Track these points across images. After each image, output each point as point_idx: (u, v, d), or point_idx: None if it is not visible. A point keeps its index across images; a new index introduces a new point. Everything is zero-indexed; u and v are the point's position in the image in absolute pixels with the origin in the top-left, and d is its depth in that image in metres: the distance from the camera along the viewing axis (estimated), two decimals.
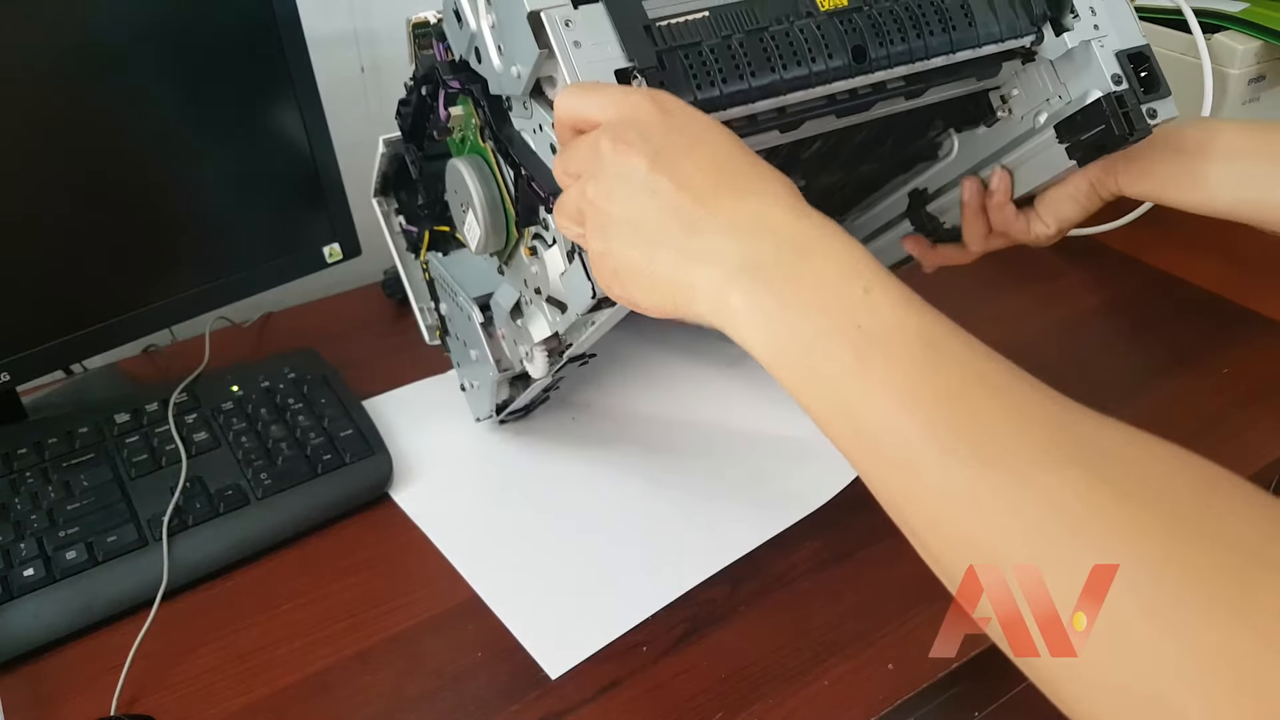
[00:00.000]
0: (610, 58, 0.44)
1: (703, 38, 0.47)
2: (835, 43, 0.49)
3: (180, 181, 0.70)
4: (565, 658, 0.54)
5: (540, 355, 0.57)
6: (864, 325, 0.35)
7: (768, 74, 0.48)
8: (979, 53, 0.53)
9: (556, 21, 0.44)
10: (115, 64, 0.64)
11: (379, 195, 0.71)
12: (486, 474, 0.69)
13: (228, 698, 0.53)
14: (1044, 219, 0.62)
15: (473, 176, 0.55)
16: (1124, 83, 0.53)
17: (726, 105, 0.47)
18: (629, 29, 0.45)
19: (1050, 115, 0.57)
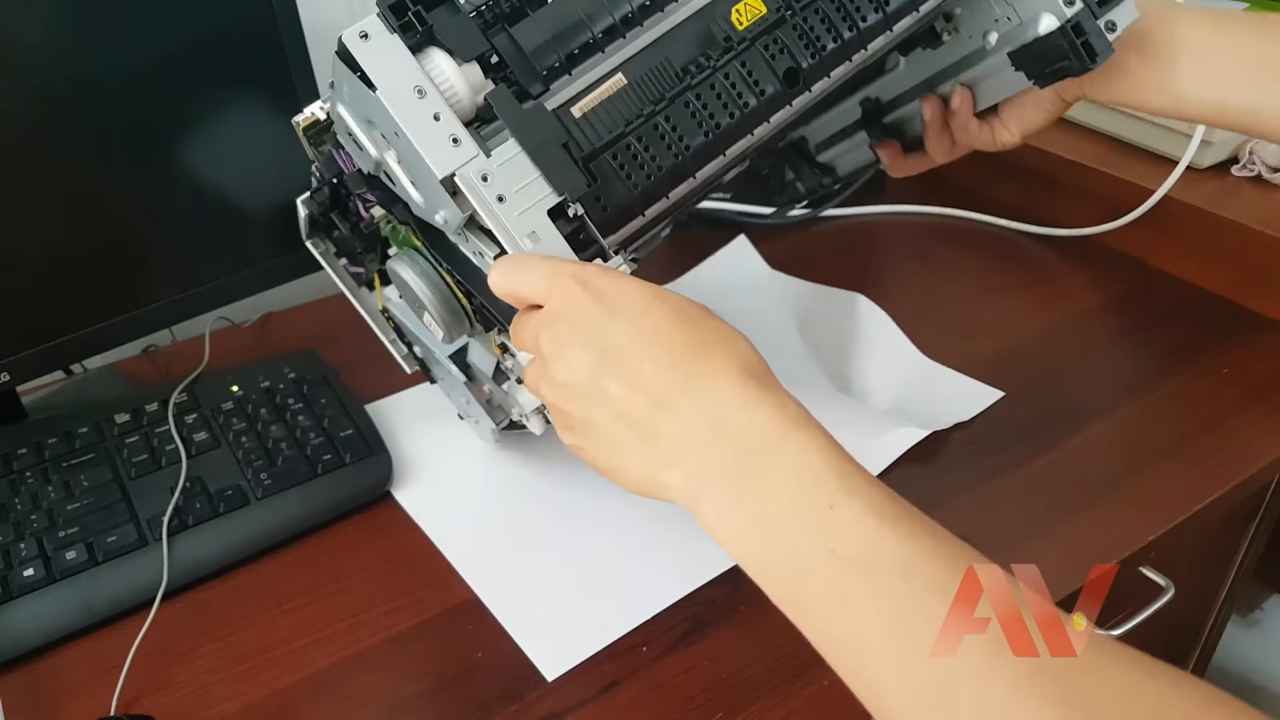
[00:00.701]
0: (539, 198, 0.41)
1: (625, 124, 0.43)
2: (763, 73, 0.45)
3: (180, 181, 0.70)
4: (562, 660, 0.54)
5: (536, 419, 0.55)
6: (837, 551, 0.34)
7: (700, 137, 0.44)
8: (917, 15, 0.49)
9: (473, 181, 0.40)
10: (115, 63, 0.64)
11: (312, 237, 0.64)
12: (488, 475, 0.69)
13: (228, 698, 0.53)
14: (1009, 127, 0.61)
15: (415, 279, 0.50)
16: (1077, 1, 0.50)
17: (668, 188, 0.45)
18: (547, 157, 0.41)
19: (1001, 36, 0.54)
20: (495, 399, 0.61)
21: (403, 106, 0.41)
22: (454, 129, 0.41)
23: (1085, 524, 0.63)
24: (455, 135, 0.41)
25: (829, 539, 0.34)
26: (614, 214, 0.44)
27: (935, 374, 0.74)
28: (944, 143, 0.63)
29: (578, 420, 0.40)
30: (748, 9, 0.45)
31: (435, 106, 0.41)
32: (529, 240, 0.41)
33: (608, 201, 0.43)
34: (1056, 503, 0.65)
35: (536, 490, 0.67)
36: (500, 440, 0.70)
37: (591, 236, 0.43)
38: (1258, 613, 1.32)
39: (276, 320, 0.87)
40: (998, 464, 0.67)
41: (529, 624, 0.57)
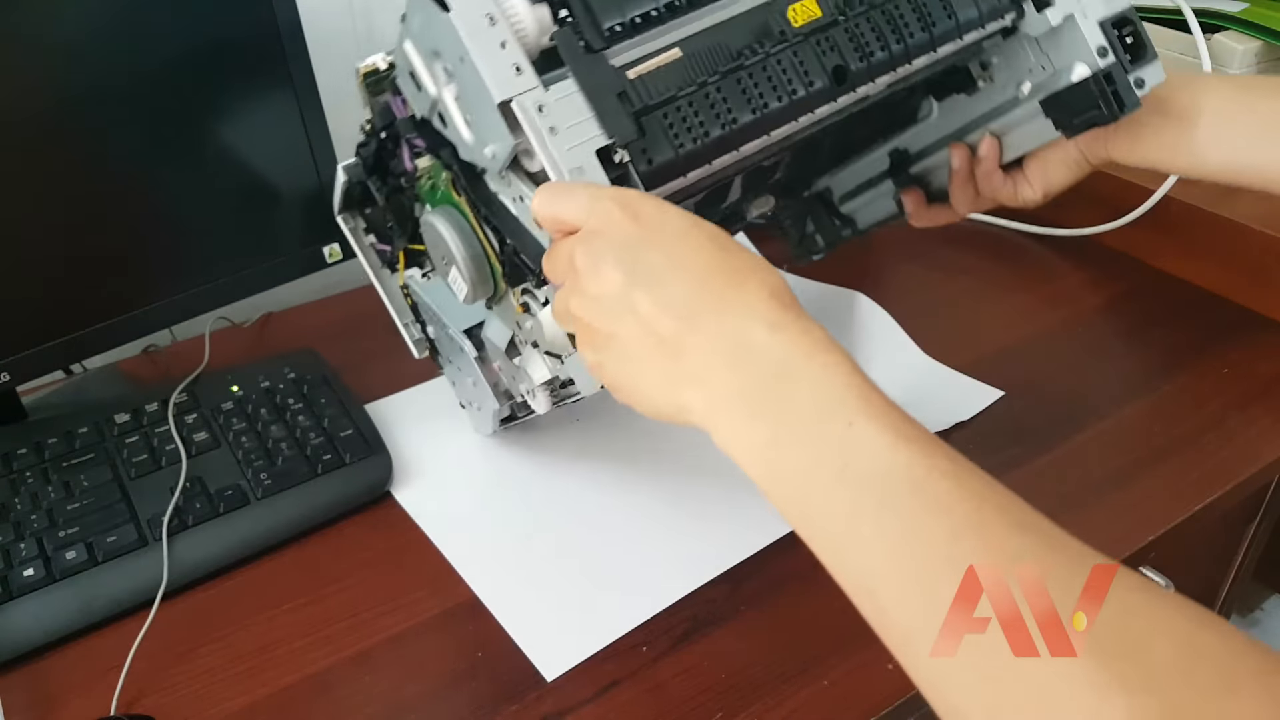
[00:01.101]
0: (589, 137, 0.42)
1: (678, 89, 0.45)
2: (814, 67, 0.47)
3: (180, 181, 0.70)
4: (562, 660, 0.54)
5: (543, 394, 0.55)
6: (850, 466, 0.35)
7: (748, 115, 0.46)
8: (961, 44, 0.51)
9: (529, 109, 0.42)
10: (116, 64, 0.64)
11: (343, 212, 0.66)
12: (488, 475, 0.69)
13: (228, 698, 0.53)
14: (1032, 183, 0.62)
15: (450, 232, 0.52)
16: (1110, 54, 0.52)
17: (711, 157, 0.46)
18: (603, 101, 0.43)
19: (1035, 86, 0.55)
20: (504, 378, 0.61)
21: (472, 29, 0.42)
22: (518, 58, 0.42)
23: (1085, 524, 0.62)
24: (518, 64, 0.42)
25: (844, 456, 0.35)
26: (658, 169, 0.45)
27: (936, 373, 0.74)
28: (968, 193, 0.63)
29: (602, 335, 0.40)
30: (804, 9, 0.47)
31: (503, 35, 0.42)
32: (574, 175, 0.43)
33: (653, 155, 0.45)
34: (1056, 503, 0.64)
35: (538, 491, 0.67)
36: (498, 432, 0.70)
37: (633, 185, 0.44)
38: (1258, 613, 1.32)
39: (276, 320, 0.87)
40: (997, 464, 0.66)
41: (529, 624, 0.57)
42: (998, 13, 0.51)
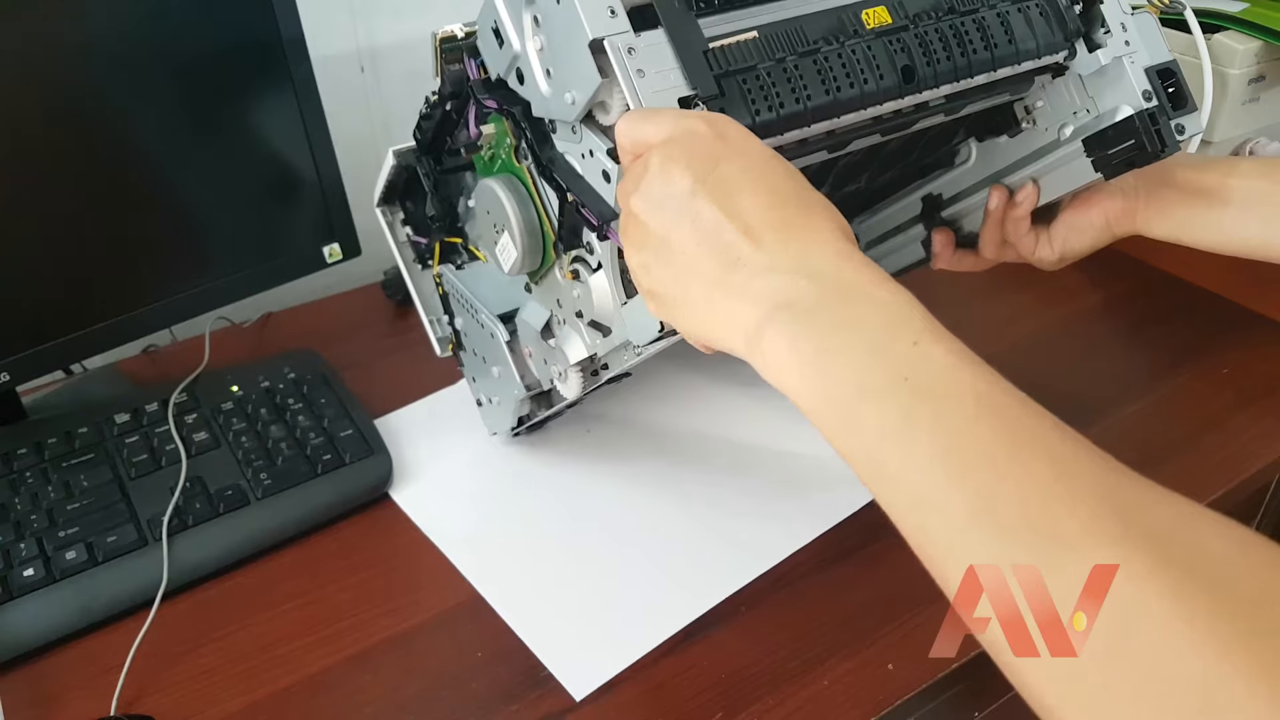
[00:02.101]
0: (673, 85, 0.44)
1: (757, 60, 0.46)
2: (885, 63, 0.49)
3: (180, 182, 0.70)
4: (591, 678, 0.54)
5: (575, 376, 0.56)
6: (911, 379, 0.34)
7: (822, 96, 0.47)
8: (1018, 69, 0.53)
9: (620, 49, 0.43)
10: (116, 65, 0.64)
11: (383, 204, 0.69)
12: (495, 484, 0.68)
13: (228, 698, 0.53)
14: (1052, 244, 0.62)
15: (509, 198, 0.53)
16: (1154, 99, 0.53)
17: (783, 129, 0.47)
18: (690, 56, 0.44)
19: (1076, 129, 0.57)
20: (534, 365, 0.61)
21: None
22: (614, 2, 0.44)
23: None
24: (613, 8, 0.44)
25: (905, 368, 0.34)
26: None
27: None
28: (997, 237, 0.64)
29: (656, 237, 0.39)
30: (876, 15, 0.50)
31: None
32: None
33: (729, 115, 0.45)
34: None
35: (548, 502, 0.66)
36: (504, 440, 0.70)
37: None
38: None
39: (276, 320, 0.87)
40: None
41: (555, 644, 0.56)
42: (1054, 47, 0.53)
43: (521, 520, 0.65)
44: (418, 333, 0.82)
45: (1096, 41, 0.54)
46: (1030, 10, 0.53)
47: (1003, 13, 0.52)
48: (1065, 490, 0.31)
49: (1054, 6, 0.53)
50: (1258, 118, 0.92)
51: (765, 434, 0.70)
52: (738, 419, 0.71)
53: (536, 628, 0.57)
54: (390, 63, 0.92)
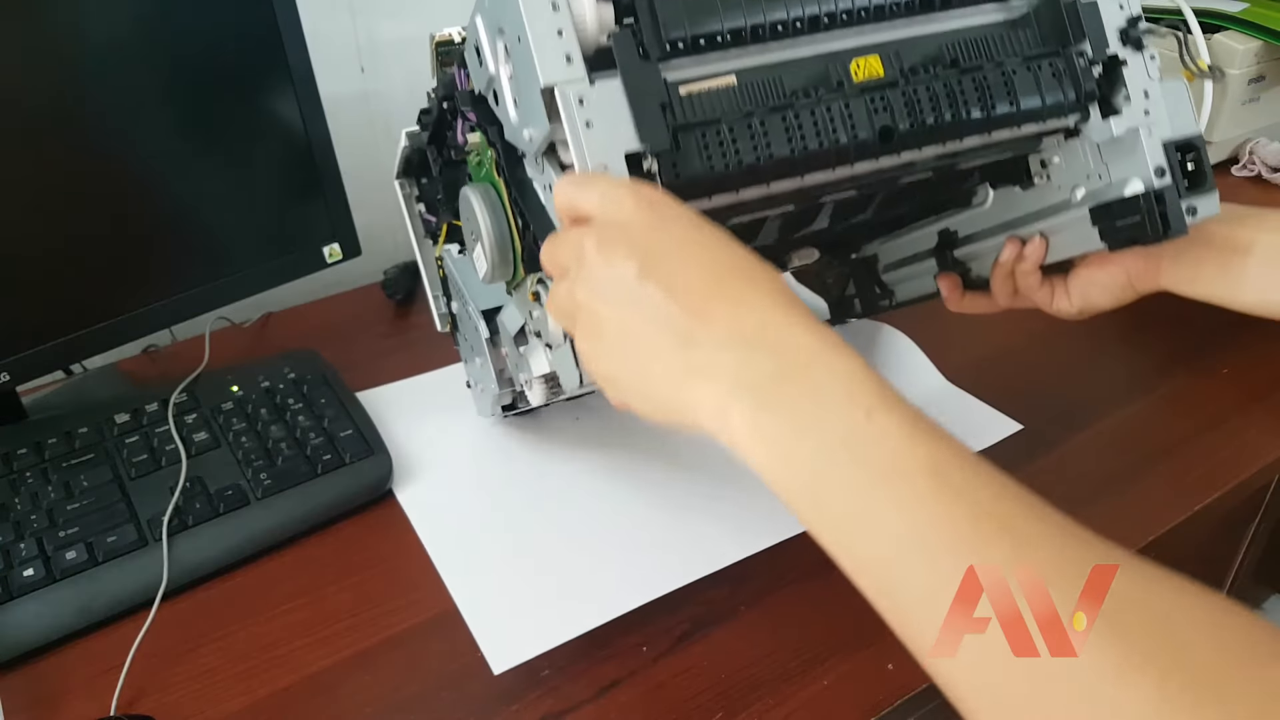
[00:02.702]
0: (622, 139, 0.43)
1: (723, 114, 0.45)
2: (862, 122, 0.47)
3: (180, 181, 0.70)
4: (513, 655, 0.55)
5: (539, 386, 0.56)
6: (869, 455, 0.34)
7: (784, 150, 0.46)
8: (1017, 133, 0.51)
9: (570, 99, 0.42)
10: (116, 65, 0.64)
11: (401, 177, 0.68)
12: (485, 472, 0.69)
13: (228, 698, 0.53)
14: (1070, 297, 0.60)
15: (482, 208, 0.53)
16: (1167, 176, 0.51)
17: (740, 184, 0.46)
18: (644, 108, 0.43)
19: (1089, 192, 0.54)
20: (509, 364, 0.62)
21: (533, 11, 0.43)
22: (571, 48, 0.43)
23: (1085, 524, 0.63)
24: (569, 54, 0.43)
25: (862, 446, 0.34)
26: (684, 185, 0.45)
27: (954, 399, 0.72)
28: (1008, 287, 0.62)
29: (610, 323, 0.39)
30: (867, 66, 0.48)
31: (562, 23, 0.43)
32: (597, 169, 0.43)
33: (682, 170, 0.45)
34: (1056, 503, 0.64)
35: (531, 489, 0.67)
36: (499, 424, 0.70)
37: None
38: (1258, 612, 1.32)
39: (276, 320, 0.87)
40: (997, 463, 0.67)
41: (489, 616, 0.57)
42: (1061, 110, 0.50)
43: (499, 504, 0.66)
44: (418, 332, 0.82)
45: (1114, 107, 0.51)
46: (1042, 70, 0.50)
47: (1009, 71, 0.49)
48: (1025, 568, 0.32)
49: (1071, 67, 0.50)
50: (1258, 118, 0.93)
51: None
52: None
53: (477, 601, 0.58)
54: (390, 63, 0.92)
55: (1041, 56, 0.50)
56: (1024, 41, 0.50)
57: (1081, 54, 0.50)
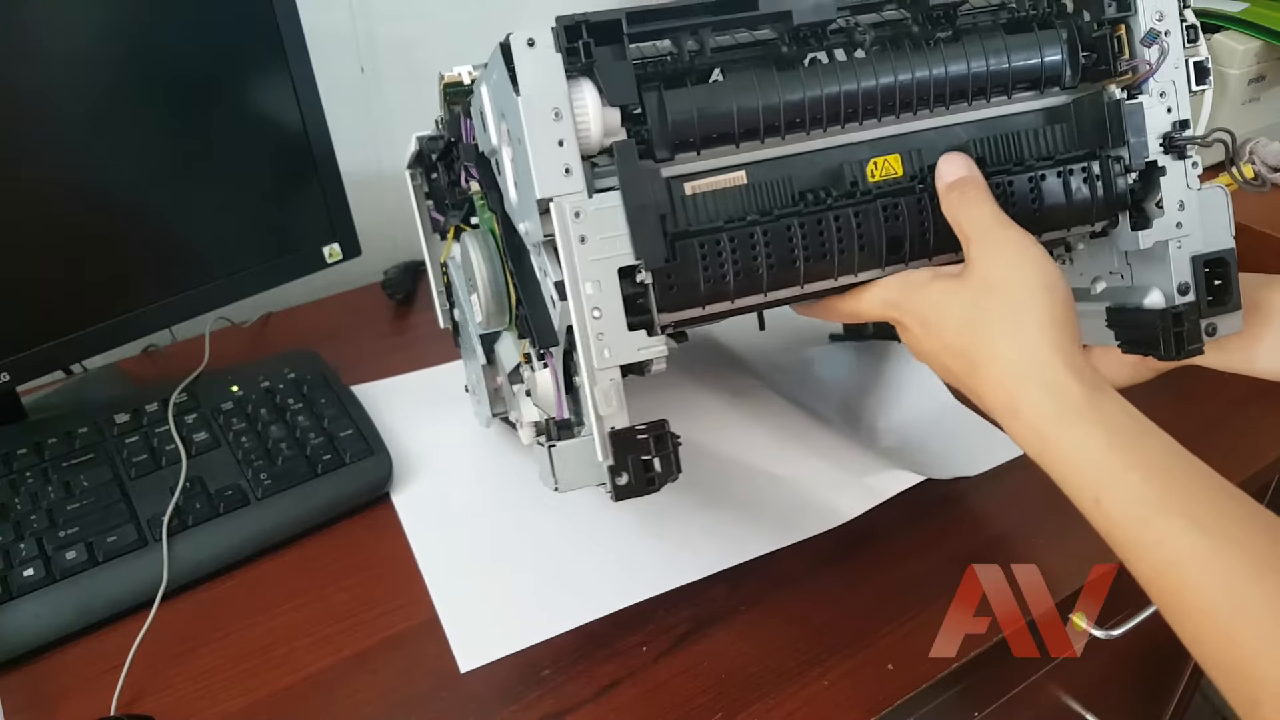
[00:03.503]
0: (616, 255, 0.42)
1: (724, 219, 0.44)
2: (872, 232, 0.45)
3: (180, 182, 0.70)
4: (480, 654, 0.55)
5: (529, 429, 0.56)
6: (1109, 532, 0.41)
7: (788, 264, 0.45)
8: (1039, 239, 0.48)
9: (565, 212, 0.41)
10: (116, 65, 0.64)
11: (413, 167, 0.67)
12: (481, 472, 0.69)
13: (228, 698, 0.53)
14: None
15: (479, 259, 0.52)
16: (1190, 294, 0.49)
17: (737, 295, 0.45)
18: (642, 223, 0.42)
19: (1109, 288, 0.53)
20: (504, 393, 0.62)
21: (535, 120, 0.41)
22: (571, 160, 0.42)
23: (1085, 524, 0.63)
24: (569, 166, 0.42)
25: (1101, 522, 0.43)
26: (678, 296, 0.45)
27: (961, 420, 0.71)
28: None
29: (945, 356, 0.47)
30: (885, 165, 0.46)
31: (564, 133, 0.42)
32: (589, 285, 0.42)
33: (677, 282, 0.44)
34: (1056, 503, 0.64)
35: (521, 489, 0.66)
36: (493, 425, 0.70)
37: (647, 307, 0.44)
38: None
39: (276, 320, 0.87)
40: (997, 471, 0.67)
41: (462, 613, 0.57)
42: (1086, 216, 0.48)
43: (491, 505, 0.65)
44: (418, 332, 0.82)
45: (1146, 215, 0.48)
46: (1074, 177, 0.48)
47: (1036, 177, 0.47)
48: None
49: (1106, 174, 0.48)
50: (1258, 118, 0.93)
51: (748, 451, 0.68)
52: (724, 434, 0.70)
53: (454, 600, 0.58)
54: (390, 63, 0.92)
55: (1074, 159, 0.48)
56: (1058, 139, 0.48)
57: (1119, 159, 0.48)
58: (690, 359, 0.76)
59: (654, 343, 0.43)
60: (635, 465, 0.43)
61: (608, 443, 0.43)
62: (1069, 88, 0.49)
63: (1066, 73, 0.48)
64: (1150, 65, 0.47)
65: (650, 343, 0.43)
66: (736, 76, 0.45)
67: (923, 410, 0.72)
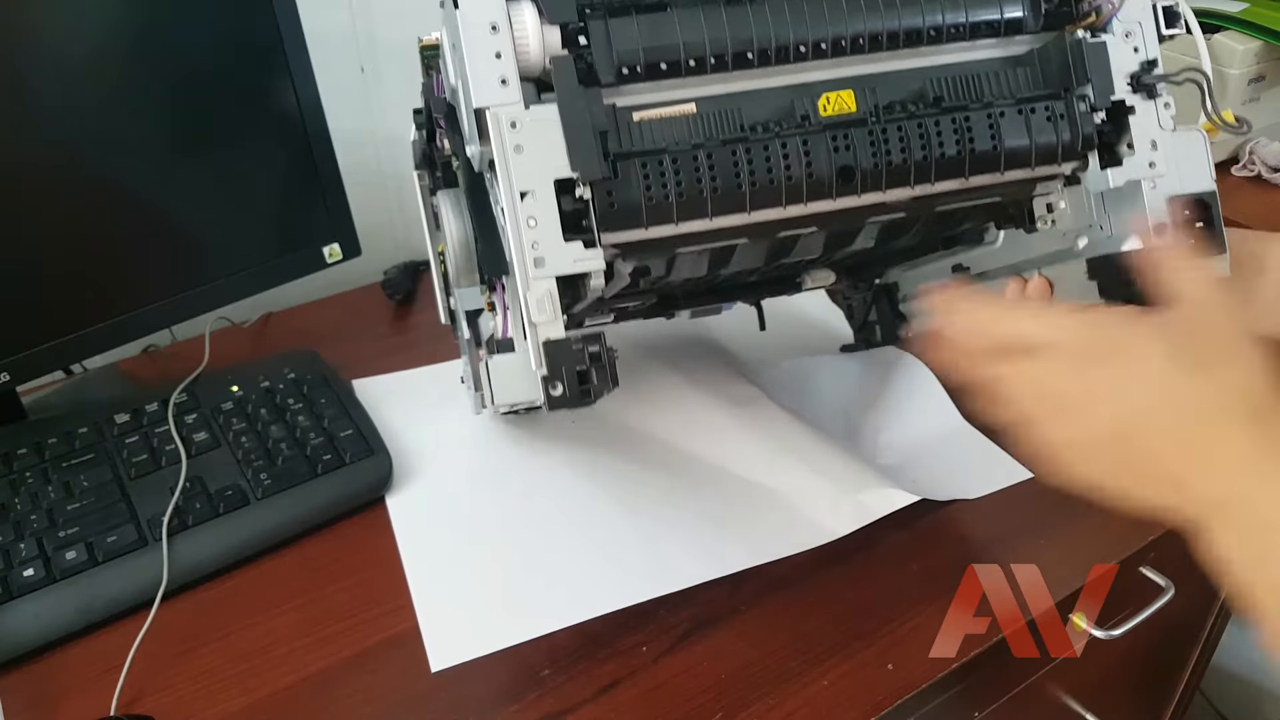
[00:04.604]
0: (552, 165, 0.42)
1: (669, 144, 0.44)
2: (820, 159, 0.45)
3: (180, 181, 0.70)
4: (453, 654, 0.55)
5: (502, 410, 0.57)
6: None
7: (731, 186, 0.44)
8: (1001, 179, 0.48)
9: (502, 122, 0.42)
10: (115, 66, 0.64)
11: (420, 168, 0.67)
12: (477, 472, 0.68)
13: (228, 698, 0.53)
14: None
15: (450, 215, 0.53)
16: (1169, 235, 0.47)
17: (680, 217, 0.45)
18: (579, 136, 0.42)
19: (1090, 243, 0.51)
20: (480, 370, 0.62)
21: (473, 33, 0.42)
22: (507, 71, 0.42)
23: (1085, 524, 0.63)
24: (505, 77, 0.42)
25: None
26: (620, 213, 0.44)
27: (967, 440, 0.70)
28: None
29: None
30: (837, 101, 0.46)
31: (501, 46, 0.42)
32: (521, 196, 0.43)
33: (618, 201, 0.44)
34: (1056, 503, 0.64)
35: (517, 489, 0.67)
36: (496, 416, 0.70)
37: (587, 225, 0.44)
38: None
39: (276, 320, 0.87)
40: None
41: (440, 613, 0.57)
42: (1053, 158, 0.47)
43: (485, 505, 0.65)
44: (418, 333, 0.82)
45: (1118, 155, 0.48)
46: (1036, 114, 0.47)
47: (995, 114, 0.46)
48: None
49: (1070, 112, 0.47)
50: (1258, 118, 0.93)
51: (743, 462, 0.67)
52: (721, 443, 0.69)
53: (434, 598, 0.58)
54: (390, 63, 0.92)
55: (1036, 99, 0.47)
56: (1021, 82, 0.47)
57: (1084, 98, 0.47)
58: (692, 367, 0.76)
59: (591, 255, 0.43)
60: (570, 376, 0.43)
61: (541, 352, 0.43)
62: (1032, 32, 0.49)
63: (1028, 17, 0.48)
64: (1114, 4, 0.47)
65: (587, 255, 0.43)
66: (684, 10, 0.45)
67: (927, 428, 0.71)
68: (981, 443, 0.69)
